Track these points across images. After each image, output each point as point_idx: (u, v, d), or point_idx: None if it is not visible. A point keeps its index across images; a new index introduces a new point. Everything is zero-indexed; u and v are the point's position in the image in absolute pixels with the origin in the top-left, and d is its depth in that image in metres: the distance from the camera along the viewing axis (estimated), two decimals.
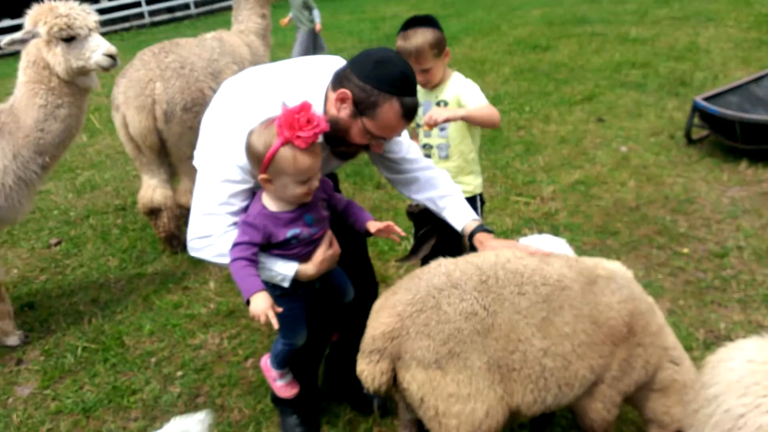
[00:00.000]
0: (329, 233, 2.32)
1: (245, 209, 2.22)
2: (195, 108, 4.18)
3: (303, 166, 2.02)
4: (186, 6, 22.98)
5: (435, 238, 2.83)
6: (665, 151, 5.74)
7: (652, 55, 9.00)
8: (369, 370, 2.08)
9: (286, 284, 2.23)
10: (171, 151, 4.29)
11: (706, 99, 5.63)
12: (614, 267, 2.31)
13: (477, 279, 2.09)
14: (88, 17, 3.38)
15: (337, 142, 2.26)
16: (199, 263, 4.43)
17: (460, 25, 12.67)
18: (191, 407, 3.10)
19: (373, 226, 2.35)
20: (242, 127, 2.11)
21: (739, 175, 5.12)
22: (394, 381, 2.12)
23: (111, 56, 3.39)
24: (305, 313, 2.45)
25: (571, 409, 2.38)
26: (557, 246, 2.57)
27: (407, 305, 2.06)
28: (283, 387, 2.62)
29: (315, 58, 2.43)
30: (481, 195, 3.17)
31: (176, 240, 4.52)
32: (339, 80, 2.19)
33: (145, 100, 4.09)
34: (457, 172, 3.00)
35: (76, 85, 3.41)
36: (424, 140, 3.12)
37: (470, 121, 2.91)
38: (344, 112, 2.16)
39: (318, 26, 9.32)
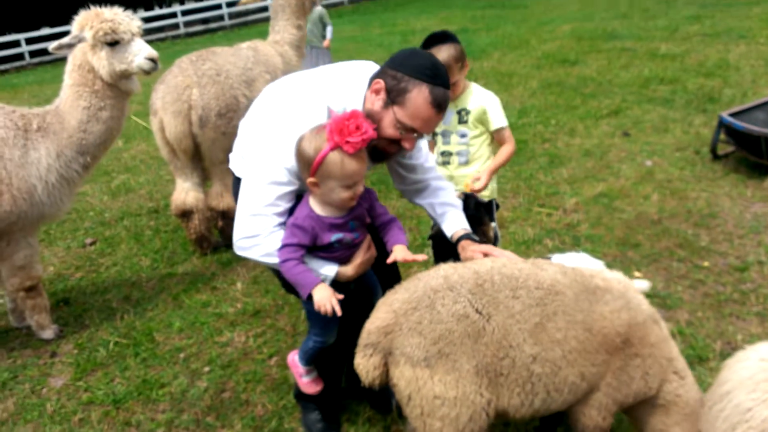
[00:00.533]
0: (368, 238, 2.42)
1: (290, 211, 2.31)
2: (228, 114, 4.35)
3: (350, 170, 2.12)
4: (220, 18, 23.46)
5: None
6: (690, 166, 5.75)
7: (681, 71, 8.99)
8: (363, 364, 2.16)
9: (303, 296, 2.29)
10: (204, 156, 4.46)
11: (733, 115, 5.63)
12: (614, 277, 2.33)
13: (473, 282, 2.15)
14: (131, 23, 3.57)
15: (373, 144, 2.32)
16: (228, 265, 4.59)
17: (489, 39, 12.77)
18: (217, 401, 3.22)
19: (398, 253, 2.35)
20: (288, 131, 2.21)
21: (763, 192, 5.11)
22: (388, 375, 2.18)
23: (152, 60, 3.58)
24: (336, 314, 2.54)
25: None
26: (592, 265, 2.58)
27: (403, 303, 2.13)
28: (308, 383, 2.71)
29: (353, 63, 2.51)
30: (495, 200, 3.29)
31: (206, 242, 4.68)
32: (375, 77, 2.29)
33: (181, 105, 4.28)
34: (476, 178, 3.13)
35: (119, 88, 3.60)
36: (443, 147, 3.23)
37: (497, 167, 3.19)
38: (378, 103, 2.25)
39: (327, 42, 9.38)
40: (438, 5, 22.22)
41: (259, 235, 2.27)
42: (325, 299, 2.20)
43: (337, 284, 2.35)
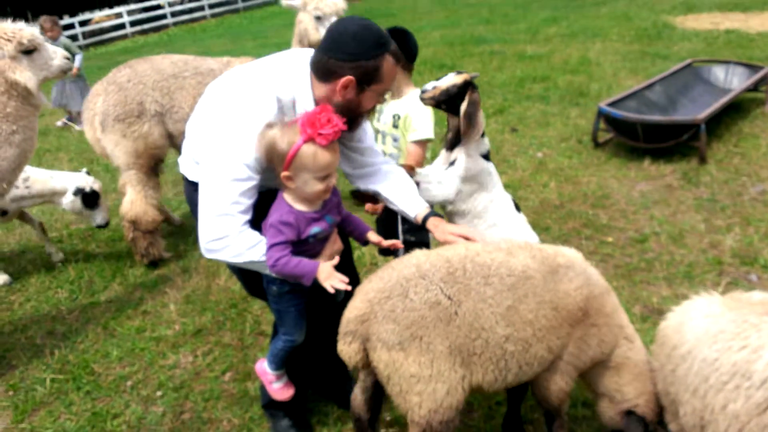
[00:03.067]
0: (335, 231, 2.46)
1: (252, 208, 2.30)
2: (128, 119, 4.44)
3: (323, 162, 2.17)
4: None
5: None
6: (576, 155, 6.29)
7: (549, 70, 9.74)
8: (345, 350, 2.28)
9: (308, 282, 2.29)
10: (111, 160, 4.62)
11: (609, 105, 6.24)
12: (572, 254, 2.53)
13: (445, 271, 2.27)
14: (32, 28, 3.43)
15: (353, 118, 2.38)
16: (154, 287, 4.45)
17: None
18: (178, 423, 3.15)
19: (373, 236, 2.52)
20: (241, 125, 2.21)
21: (644, 172, 5.71)
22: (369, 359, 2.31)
23: (67, 58, 3.49)
24: (305, 310, 2.56)
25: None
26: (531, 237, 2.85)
27: (378, 292, 2.25)
28: (279, 389, 2.70)
29: (286, 52, 2.50)
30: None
31: (148, 254, 4.75)
32: (326, 72, 2.27)
33: (89, 112, 4.51)
34: None
35: (31, 104, 3.41)
36: (381, 147, 3.35)
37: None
38: (350, 93, 2.29)
39: (75, 69, 8.71)
40: None
41: (228, 235, 2.24)
42: (333, 276, 2.23)
43: (315, 287, 2.34)
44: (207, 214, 2.26)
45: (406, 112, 3.31)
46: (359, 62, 2.22)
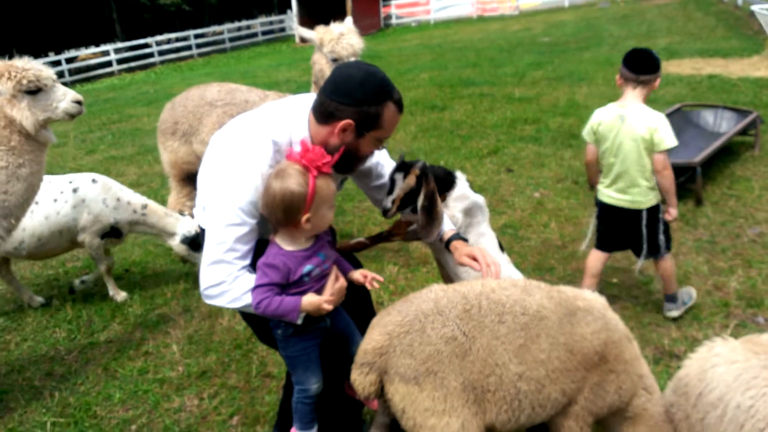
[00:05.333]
0: (335, 268, 2.42)
1: (251, 252, 2.30)
2: (165, 134, 5.26)
3: (333, 188, 2.23)
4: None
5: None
6: (574, 195, 6.35)
7: (539, 112, 9.90)
8: (360, 381, 2.28)
9: (299, 321, 2.29)
10: None
11: None
12: (593, 298, 2.54)
13: (461, 308, 2.30)
14: (49, 70, 3.41)
15: (350, 161, 2.40)
16: (156, 327, 4.35)
17: None
18: None
19: (355, 275, 2.48)
20: (236, 170, 2.21)
21: None
22: (383, 390, 2.30)
23: (78, 102, 3.44)
24: (318, 357, 2.48)
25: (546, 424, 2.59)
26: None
27: (396, 326, 2.26)
28: None
29: (290, 97, 2.56)
30: None
31: None
32: (327, 114, 2.27)
33: None
34: None
35: (37, 140, 3.37)
36: None
37: None
38: (348, 137, 2.29)
39: None
40: (292, 57, 22.64)
41: (224, 282, 2.25)
42: (318, 301, 2.23)
43: (311, 320, 2.34)
44: (204, 261, 2.28)
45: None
46: (361, 107, 2.23)
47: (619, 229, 4.00)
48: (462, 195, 3.11)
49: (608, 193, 3.94)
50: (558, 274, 4.73)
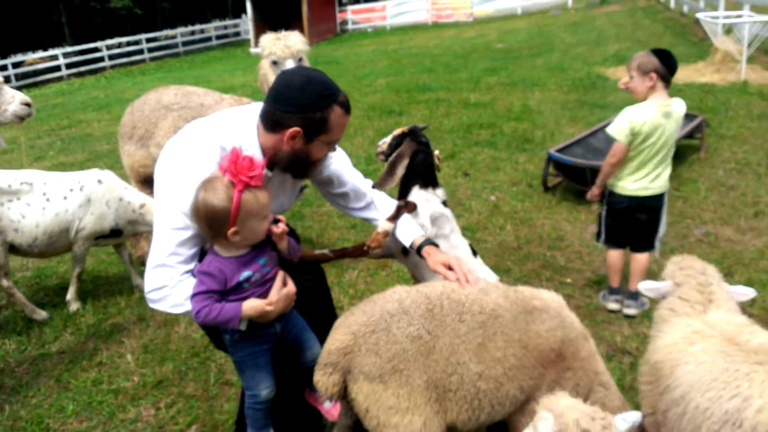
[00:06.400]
0: (282, 273, 2.37)
1: (195, 257, 2.28)
2: (124, 137, 5.27)
3: (264, 201, 2.16)
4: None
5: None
6: (528, 198, 6.47)
7: (494, 117, 10.06)
8: (323, 381, 2.30)
9: (242, 327, 2.26)
10: None
11: (558, 151, 6.48)
12: (550, 298, 2.59)
13: (425, 307, 2.35)
14: None
15: (302, 167, 2.40)
16: (110, 337, 4.26)
17: None
18: None
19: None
20: (181, 174, 2.21)
21: (593, 215, 5.90)
22: (345, 391, 2.33)
23: (27, 104, 3.37)
24: (269, 362, 2.45)
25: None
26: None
27: (362, 326, 2.29)
28: None
29: (245, 105, 2.53)
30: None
31: None
32: (274, 123, 2.26)
33: None
34: None
35: None
36: None
37: None
38: (298, 143, 2.29)
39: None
40: (247, 62, 22.43)
41: (166, 285, 2.23)
42: (260, 305, 2.21)
43: (259, 326, 2.32)
44: (148, 265, 2.26)
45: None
46: (305, 114, 2.22)
47: (636, 221, 4.17)
48: (434, 202, 3.24)
49: (642, 185, 4.07)
50: (514, 275, 4.81)
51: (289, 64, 4.71)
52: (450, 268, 2.58)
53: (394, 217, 2.81)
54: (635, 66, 3.91)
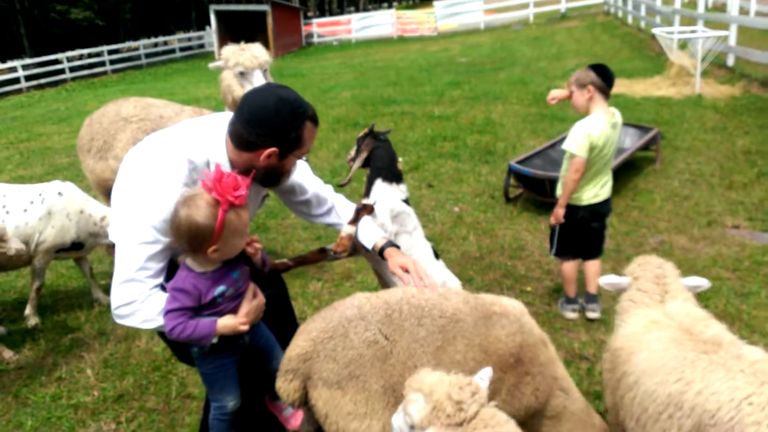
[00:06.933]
0: (252, 285, 2.39)
1: (163, 271, 2.27)
2: (83, 151, 5.22)
3: (245, 220, 2.18)
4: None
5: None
6: (491, 209, 6.59)
7: (458, 130, 10.20)
8: (285, 387, 2.34)
9: (214, 340, 2.26)
10: None
11: (518, 163, 6.61)
12: (510, 304, 2.64)
13: (383, 312, 2.37)
14: None
15: (275, 179, 2.44)
16: (69, 351, 4.20)
17: None
18: None
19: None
20: (149, 187, 2.19)
21: None
22: (306, 397, 2.35)
23: None
24: (236, 374, 2.46)
25: None
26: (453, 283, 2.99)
27: (321, 332, 2.32)
28: None
29: (207, 117, 2.53)
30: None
31: None
32: (248, 144, 2.27)
33: None
34: None
35: None
36: None
37: None
38: (273, 160, 2.32)
39: None
40: (211, 74, 22.28)
41: (135, 301, 2.21)
42: (233, 323, 2.23)
43: (229, 338, 2.32)
44: (115, 280, 2.23)
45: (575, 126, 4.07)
46: (283, 134, 2.27)
47: (589, 230, 4.32)
48: (396, 196, 3.41)
49: (594, 193, 4.24)
50: (477, 284, 4.89)
51: (257, 75, 4.72)
52: (407, 272, 2.63)
53: (355, 220, 2.87)
54: (573, 81, 4.11)
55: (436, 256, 3.34)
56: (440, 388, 1.86)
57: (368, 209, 2.99)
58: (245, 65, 4.76)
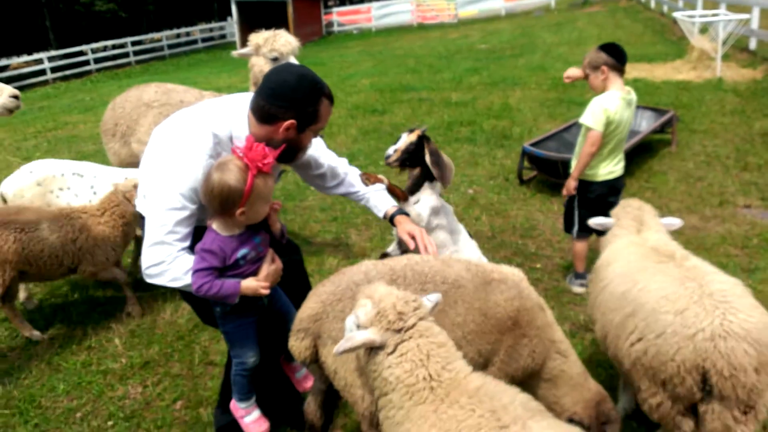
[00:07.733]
0: (271, 251, 2.59)
1: (190, 235, 2.47)
2: (107, 135, 5.46)
3: (271, 186, 2.39)
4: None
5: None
6: (504, 191, 6.70)
7: (474, 115, 10.28)
8: (296, 346, 2.52)
9: (235, 300, 2.45)
10: None
11: (532, 145, 6.71)
12: (509, 271, 2.79)
13: (388, 278, 2.55)
14: None
15: (292, 153, 2.62)
16: (99, 323, 4.43)
17: None
18: None
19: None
20: (177, 157, 2.39)
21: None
22: (317, 356, 2.53)
23: (15, 97, 3.51)
24: (255, 332, 2.66)
25: None
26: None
27: (330, 294, 2.51)
28: (253, 424, 2.75)
29: (230, 95, 2.75)
30: None
31: None
32: (269, 117, 2.46)
33: None
34: None
35: None
36: None
37: None
38: (291, 134, 2.51)
39: None
40: (233, 64, 22.55)
41: (164, 261, 2.41)
42: (255, 285, 2.42)
43: (249, 300, 2.51)
44: (146, 242, 2.44)
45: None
46: (300, 109, 2.46)
47: (607, 206, 4.35)
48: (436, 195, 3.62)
49: (609, 170, 4.37)
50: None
51: (292, 61, 4.85)
52: (414, 238, 2.81)
53: (367, 185, 3.13)
54: (587, 64, 4.20)
55: (470, 235, 3.84)
56: (388, 299, 2.12)
57: (372, 179, 3.17)
58: (281, 51, 4.87)
